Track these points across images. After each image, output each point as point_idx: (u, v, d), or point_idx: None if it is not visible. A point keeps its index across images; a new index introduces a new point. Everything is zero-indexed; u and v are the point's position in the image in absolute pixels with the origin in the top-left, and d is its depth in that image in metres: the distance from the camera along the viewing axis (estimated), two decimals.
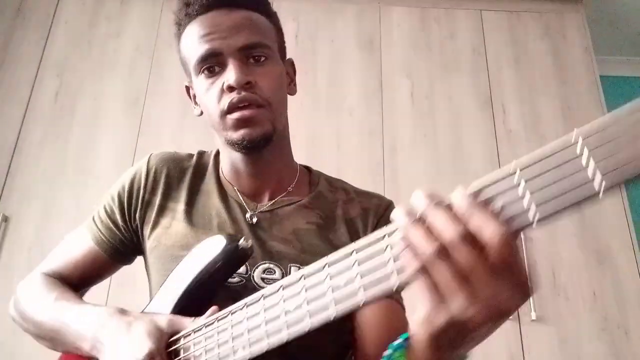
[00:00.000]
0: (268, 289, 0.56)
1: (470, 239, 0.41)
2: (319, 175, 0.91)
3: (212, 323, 0.62)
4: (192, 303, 0.71)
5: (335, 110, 2.27)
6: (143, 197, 0.84)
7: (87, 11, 2.43)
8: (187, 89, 0.86)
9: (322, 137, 2.20)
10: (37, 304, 0.82)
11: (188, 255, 0.74)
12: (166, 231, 0.81)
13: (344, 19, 2.44)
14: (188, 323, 0.67)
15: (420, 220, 0.43)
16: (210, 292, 0.72)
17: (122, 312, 0.73)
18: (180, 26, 0.80)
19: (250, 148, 0.77)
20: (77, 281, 0.87)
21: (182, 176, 0.85)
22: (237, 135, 0.75)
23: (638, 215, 2.26)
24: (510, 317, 1.86)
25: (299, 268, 0.76)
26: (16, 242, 2.02)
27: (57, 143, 2.19)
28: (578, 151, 0.38)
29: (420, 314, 0.46)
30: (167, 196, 0.84)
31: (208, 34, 0.75)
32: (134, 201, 0.84)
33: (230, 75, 0.74)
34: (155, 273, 0.82)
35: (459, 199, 0.43)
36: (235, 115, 0.75)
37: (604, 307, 1.96)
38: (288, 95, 0.86)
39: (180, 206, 0.82)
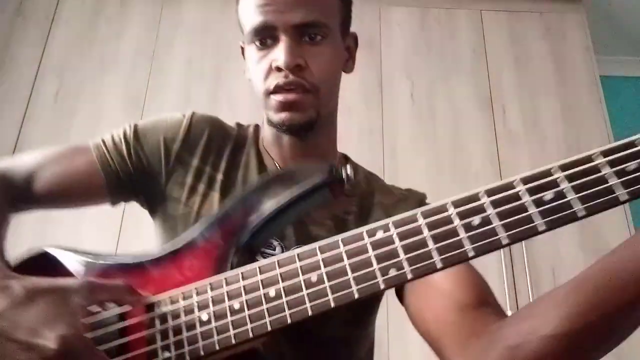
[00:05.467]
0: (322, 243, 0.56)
1: None
2: (357, 166, 0.90)
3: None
4: (271, 228, 0.63)
5: None
6: (177, 151, 0.79)
7: (87, 11, 2.42)
8: (242, 49, 0.82)
9: None
10: None
11: (275, 178, 0.66)
12: (203, 200, 0.76)
13: None
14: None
15: None
16: (286, 222, 0.66)
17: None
18: None
19: (289, 132, 0.75)
20: (40, 194, 0.84)
21: (223, 144, 0.81)
22: (277, 117, 0.73)
23: (638, 215, 2.26)
24: None
25: None
26: (16, 242, 2.02)
27: (57, 143, 2.18)
28: None
29: None
30: (206, 160, 0.79)
31: (265, 5, 0.71)
32: (163, 150, 0.79)
33: (280, 55, 0.71)
34: (170, 231, 0.76)
35: None
36: (279, 97, 0.72)
37: None
38: (343, 74, 0.82)
39: (219, 175, 0.78)
